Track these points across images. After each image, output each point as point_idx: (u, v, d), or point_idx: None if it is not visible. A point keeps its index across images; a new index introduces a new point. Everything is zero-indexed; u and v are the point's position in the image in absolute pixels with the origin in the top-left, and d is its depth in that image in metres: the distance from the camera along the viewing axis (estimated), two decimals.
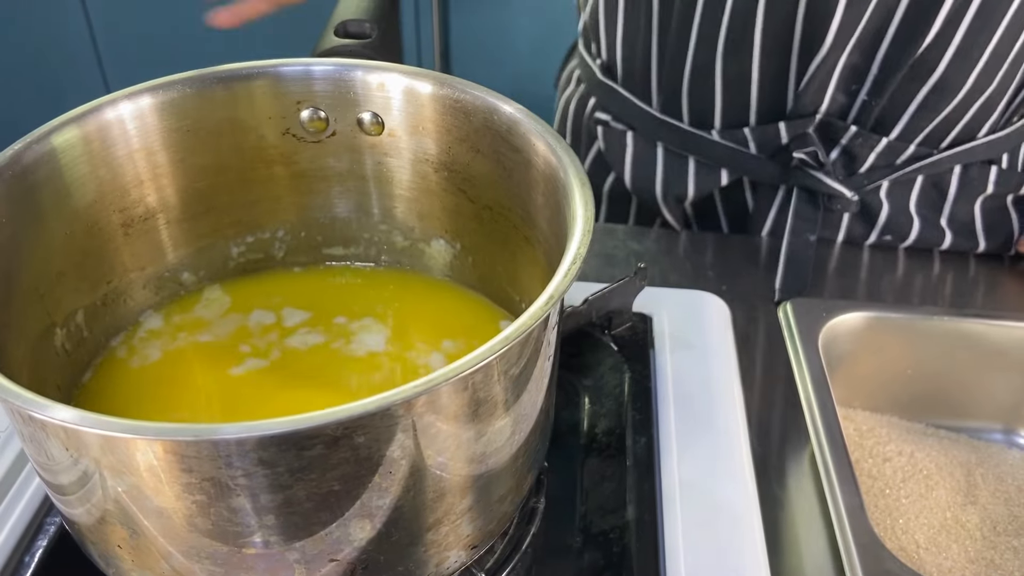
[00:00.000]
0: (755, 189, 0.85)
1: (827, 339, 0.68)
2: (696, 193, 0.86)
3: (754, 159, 0.82)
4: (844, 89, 0.77)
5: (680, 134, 0.84)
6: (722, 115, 0.81)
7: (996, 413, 0.73)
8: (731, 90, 0.80)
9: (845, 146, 0.80)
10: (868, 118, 0.78)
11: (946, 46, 0.73)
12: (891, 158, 0.80)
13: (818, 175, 0.79)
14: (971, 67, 0.74)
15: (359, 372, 0.55)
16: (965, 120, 0.78)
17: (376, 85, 0.54)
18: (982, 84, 0.75)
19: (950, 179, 0.83)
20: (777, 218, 0.85)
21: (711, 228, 0.90)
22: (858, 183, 0.81)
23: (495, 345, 0.37)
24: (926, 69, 0.74)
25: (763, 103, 0.80)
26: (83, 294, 0.53)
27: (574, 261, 0.41)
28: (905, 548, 0.62)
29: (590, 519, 0.56)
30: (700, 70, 0.80)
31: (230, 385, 0.54)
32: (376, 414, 0.36)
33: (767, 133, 0.80)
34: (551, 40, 1.90)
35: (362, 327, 0.57)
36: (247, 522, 0.38)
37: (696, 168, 0.85)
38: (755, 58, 0.77)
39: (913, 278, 0.82)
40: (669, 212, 0.88)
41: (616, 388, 0.63)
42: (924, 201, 0.83)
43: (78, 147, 0.50)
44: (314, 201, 0.60)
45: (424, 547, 0.43)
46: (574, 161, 0.46)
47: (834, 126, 0.78)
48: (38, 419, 0.37)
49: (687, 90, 0.82)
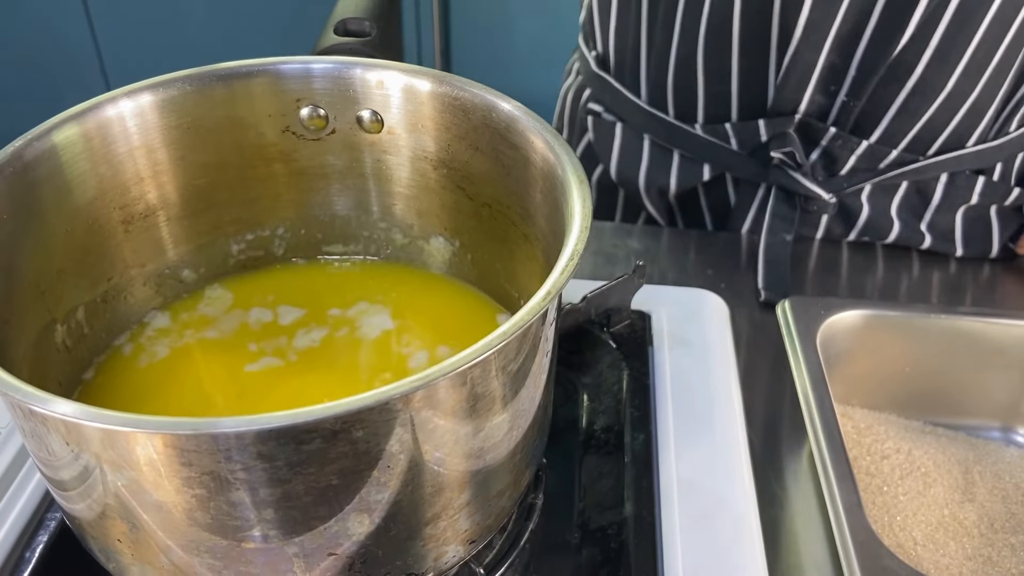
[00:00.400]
0: (737, 185, 0.86)
1: (825, 337, 0.68)
2: (678, 187, 0.86)
3: (735, 155, 0.82)
4: (823, 89, 0.77)
5: (666, 127, 0.84)
6: (705, 108, 0.82)
7: (994, 411, 0.73)
8: (712, 83, 0.80)
9: (825, 147, 0.80)
10: (848, 119, 0.78)
11: (923, 48, 0.73)
12: (873, 162, 0.80)
13: (796, 175, 0.80)
14: (950, 70, 0.74)
15: (361, 367, 0.55)
16: (951, 127, 0.77)
17: (375, 83, 0.54)
18: (964, 88, 0.75)
19: (935, 187, 0.82)
20: (757, 215, 0.85)
21: (694, 222, 0.90)
22: (838, 185, 0.81)
23: (493, 340, 0.37)
24: (904, 70, 0.74)
25: (743, 98, 0.80)
26: (84, 291, 0.53)
27: (571, 258, 0.41)
28: (903, 545, 0.62)
29: (588, 515, 0.56)
30: (683, 61, 0.80)
31: (235, 382, 0.54)
32: (374, 408, 0.36)
33: (747, 130, 0.80)
34: (551, 38, 1.91)
35: (362, 323, 0.57)
36: (246, 516, 0.38)
37: (680, 162, 0.85)
38: (734, 52, 0.77)
39: (897, 275, 0.82)
40: (652, 205, 0.89)
41: (615, 385, 0.63)
42: (906, 206, 0.83)
43: (79, 144, 0.50)
44: (314, 198, 0.60)
45: (422, 542, 0.44)
46: (572, 159, 0.47)
47: (814, 127, 0.79)
48: (39, 413, 0.37)
49: (672, 82, 0.82)
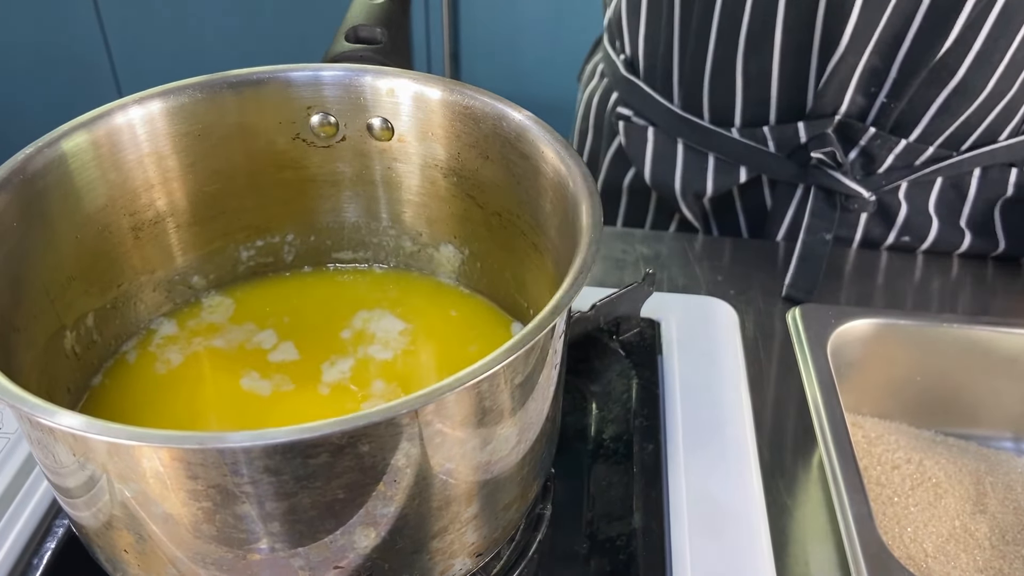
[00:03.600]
0: (773, 187, 0.85)
1: (836, 345, 0.68)
2: (715, 190, 0.86)
3: (772, 157, 0.82)
4: (863, 91, 0.77)
5: (700, 131, 0.84)
6: (742, 113, 0.82)
7: (1006, 421, 0.73)
8: (752, 88, 0.80)
9: (864, 147, 0.80)
10: (887, 120, 0.78)
11: (966, 51, 0.72)
12: (910, 159, 0.80)
13: (836, 175, 0.79)
14: (991, 71, 0.73)
15: (369, 377, 0.55)
16: (986, 123, 0.77)
17: (386, 91, 0.54)
18: (1003, 88, 0.75)
19: (970, 181, 0.82)
20: (795, 216, 0.85)
21: (730, 225, 0.90)
22: (876, 183, 0.81)
23: (501, 354, 0.37)
24: (946, 73, 0.74)
25: (783, 102, 0.80)
26: (93, 297, 0.53)
27: (580, 272, 0.41)
28: (913, 557, 0.61)
29: (597, 526, 0.56)
30: (720, 67, 0.80)
31: (242, 390, 0.54)
32: (381, 424, 0.36)
33: (786, 132, 0.80)
34: (561, 44, 1.90)
35: (370, 331, 0.57)
36: (252, 529, 0.38)
37: (715, 165, 0.85)
38: (775, 56, 0.77)
39: (930, 283, 0.81)
40: (688, 208, 0.88)
41: (624, 394, 0.63)
42: (943, 202, 0.83)
43: (88, 152, 0.50)
44: (323, 206, 0.60)
45: (429, 555, 0.44)
46: (583, 170, 0.46)
47: (853, 127, 0.78)
48: (45, 425, 0.37)
49: (708, 87, 0.82)
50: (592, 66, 1.00)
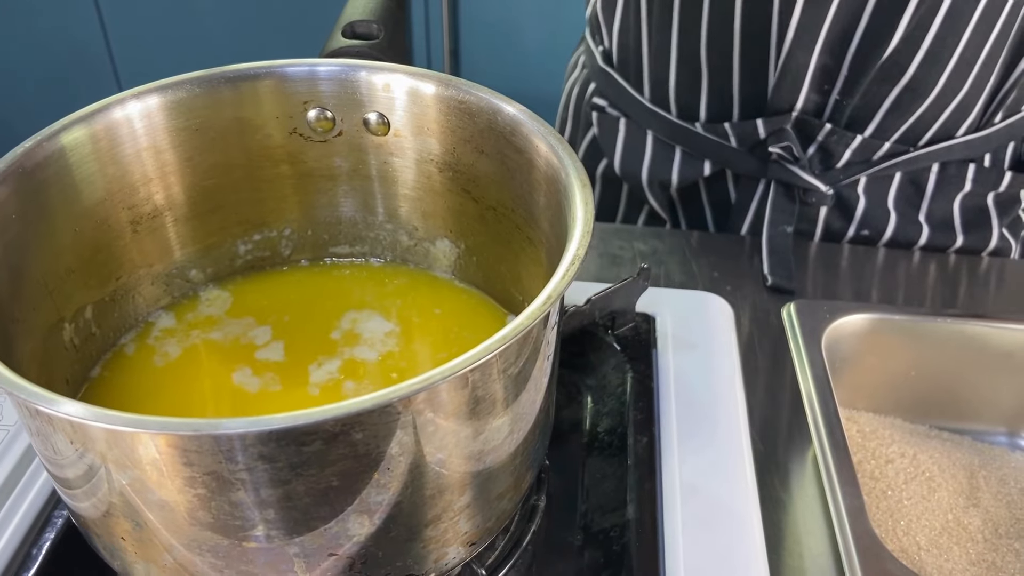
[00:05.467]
0: (737, 181, 0.87)
1: (830, 340, 0.68)
2: (680, 181, 0.88)
3: (735, 152, 0.84)
4: (817, 88, 0.79)
5: (668, 125, 0.86)
6: (707, 107, 0.84)
7: (1000, 416, 0.73)
8: (714, 82, 0.82)
9: (821, 143, 0.82)
10: (842, 116, 0.80)
11: (915, 49, 0.74)
12: (867, 154, 0.82)
13: (794, 169, 0.81)
14: (941, 70, 0.75)
15: (366, 369, 0.55)
16: (941, 120, 0.79)
17: (381, 86, 0.54)
18: (954, 86, 0.76)
19: (928, 176, 0.84)
20: (758, 210, 0.87)
21: (696, 217, 0.92)
22: (834, 178, 0.83)
23: (493, 343, 0.37)
24: (896, 71, 0.76)
25: (744, 98, 0.82)
26: (92, 290, 0.54)
27: (572, 262, 0.41)
28: (906, 550, 0.62)
29: (591, 517, 0.56)
30: (685, 61, 0.82)
31: (239, 383, 0.54)
32: (374, 411, 0.36)
33: (747, 128, 0.82)
34: (560, 39, 1.90)
35: (366, 325, 0.58)
36: (248, 516, 0.39)
37: (681, 157, 0.87)
38: (735, 51, 0.79)
39: (895, 275, 0.82)
40: (654, 199, 0.90)
41: (618, 388, 0.63)
42: (902, 197, 0.85)
43: (87, 146, 0.50)
44: (320, 200, 0.60)
45: (422, 543, 0.44)
46: (575, 163, 0.47)
47: (810, 123, 0.80)
48: (44, 413, 0.38)
49: (673, 81, 0.84)
50: (576, 57, 1.02)
